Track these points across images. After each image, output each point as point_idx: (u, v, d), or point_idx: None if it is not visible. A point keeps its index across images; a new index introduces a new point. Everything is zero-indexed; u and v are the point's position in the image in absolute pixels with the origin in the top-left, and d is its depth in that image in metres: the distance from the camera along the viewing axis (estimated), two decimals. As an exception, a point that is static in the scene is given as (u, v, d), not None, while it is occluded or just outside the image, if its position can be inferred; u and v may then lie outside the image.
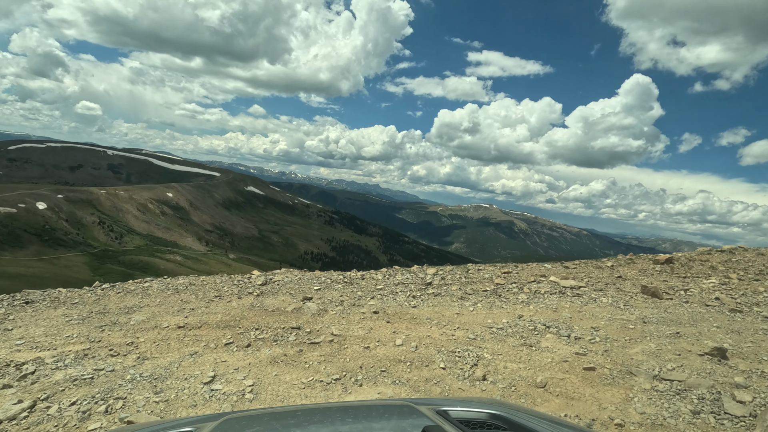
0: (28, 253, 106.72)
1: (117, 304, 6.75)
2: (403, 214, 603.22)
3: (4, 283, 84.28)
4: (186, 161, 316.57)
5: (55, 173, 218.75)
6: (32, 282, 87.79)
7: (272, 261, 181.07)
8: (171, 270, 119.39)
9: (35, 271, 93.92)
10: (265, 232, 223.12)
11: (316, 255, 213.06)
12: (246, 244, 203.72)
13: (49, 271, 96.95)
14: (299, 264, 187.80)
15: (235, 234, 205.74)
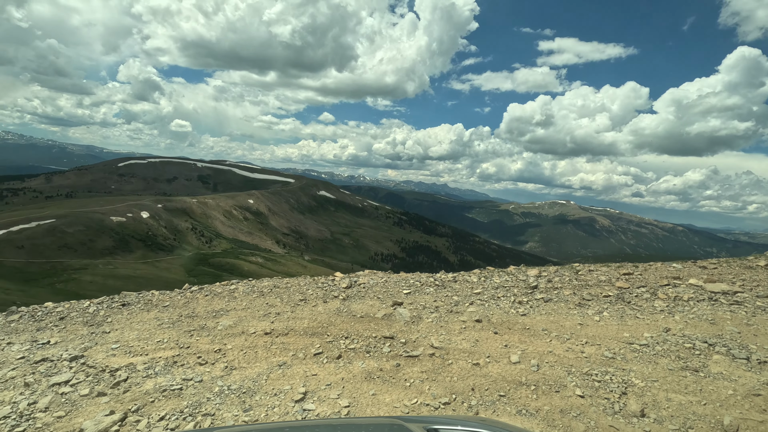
0: (135, 256, 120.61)
1: (205, 307, 6.56)
2: (473, 213, 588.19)
3: (117, 283, 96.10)
4: (264, 169, 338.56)
5: (155, 185, 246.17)
6: (138, 283, 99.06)
7: (344, 262, 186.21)
8: (253, 271, 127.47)
9: (141, 273, 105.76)
10: (337, 235, 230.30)
11: (386, 256, 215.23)
12: (319, 246, 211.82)
13: (152, 273, 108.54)
14: (370, 265, 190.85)
15: (309, 237, 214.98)
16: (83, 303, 6.81)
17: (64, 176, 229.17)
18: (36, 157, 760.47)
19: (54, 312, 6.46)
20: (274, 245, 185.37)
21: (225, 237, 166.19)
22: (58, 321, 6.15)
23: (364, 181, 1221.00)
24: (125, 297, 7.07)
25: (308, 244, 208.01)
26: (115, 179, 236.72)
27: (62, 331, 5.79)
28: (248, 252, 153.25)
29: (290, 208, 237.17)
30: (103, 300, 6.90)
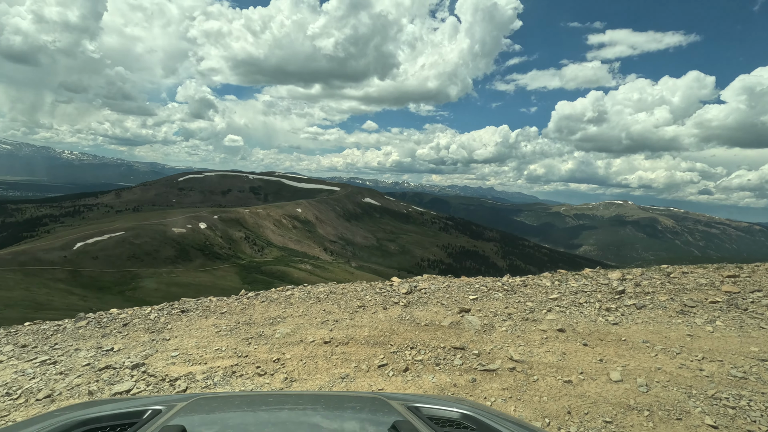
0: (194, 265, 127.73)
1: (262, 314, 6.33)
2: (521, 216, 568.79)
3: (178, 290, 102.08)
4: (311, 179, 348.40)
5: (211, 197, 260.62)
6: (197, 290, 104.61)
7: (391, 268, 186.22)
8: (303, 278, 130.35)
9: (200, 281, 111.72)
10: (383, 241, 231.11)
11: (432, 262, 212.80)
12: (365, 252, 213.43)
13: (210, 280, 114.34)
14: (416, 271, 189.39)
15: (355, 243, 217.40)
16: (145, 310, 6.84)
17: (131, 192, 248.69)
18: (107, 175, 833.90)
19: (118, 318, 6.52)
20: (322, 252, 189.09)
21: (276, 245, 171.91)
22: (121, 327, 6.16)
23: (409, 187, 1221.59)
24: (184, 303, 7.03)
25: (354, 250, 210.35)
26: (176, 193, 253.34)
27: (125, 338, 5.78)
28: (297, 259, 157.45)
29: (336, 216, 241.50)
30: (164, 307, 6.90)
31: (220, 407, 1.52)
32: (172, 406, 1.42)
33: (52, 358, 5.20)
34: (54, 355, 5.32)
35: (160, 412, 1.35)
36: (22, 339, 6.01)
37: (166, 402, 1.51)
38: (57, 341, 5.83)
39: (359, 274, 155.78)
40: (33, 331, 6.29)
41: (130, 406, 1.54)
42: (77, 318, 6.60)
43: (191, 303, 7.04)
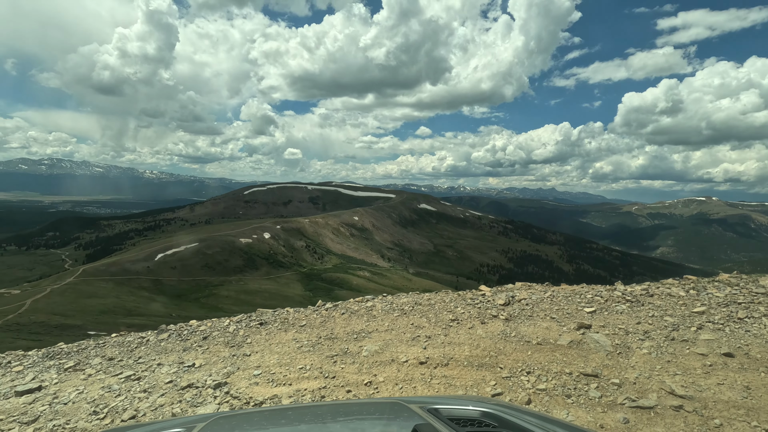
0: (260, 273, 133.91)
1: (343, 327, 5.77)
2: (588, 217, 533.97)
3: (247, 297, 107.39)
4: (366, 187, 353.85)
5: (273, 209, 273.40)
6: (264, 297, 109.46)
7: (449, 274, 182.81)
8: (361, 285, 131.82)
9: (265, 288, 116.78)
10: (440, 247, 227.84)
11: (492, 267, 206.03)
12: (423, 258, 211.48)
13: (275, 287, 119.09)
14: (475, 277, 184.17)
15: (412, 250, 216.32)
16: (223, 322, 6.58)
17: (203, 206, 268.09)
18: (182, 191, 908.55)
19: (198, 331, 6.29)
20: (379, 259, 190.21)
21: (334, 253, 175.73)
22: (201, 341, 5.90)
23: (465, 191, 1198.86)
24: (262, 315, 6.68)
25: (412, 257, 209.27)
26: (242, 205, 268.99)
27: (205, 353, 5.48)
28: (356, 266, 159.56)
29: (393, 222, 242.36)
30: (242, 318, 6.59)
31: (240, 425, 1.51)
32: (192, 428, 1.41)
33: (137, 374, 4.99)
34: (138, 370, 5.12)
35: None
36: (109, 351, 5.95)
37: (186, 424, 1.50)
38: (141, 354, 5.68)
39: (417, 281, 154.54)
40: (119, 343, 6.24)
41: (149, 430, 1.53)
42: (159, 330, 6.49)
43: (269, 315, 6.67)
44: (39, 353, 6.19)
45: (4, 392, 4.93)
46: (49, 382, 5.08)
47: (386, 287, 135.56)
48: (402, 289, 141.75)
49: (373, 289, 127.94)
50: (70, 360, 5.75)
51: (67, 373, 5.31)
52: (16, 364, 5.84)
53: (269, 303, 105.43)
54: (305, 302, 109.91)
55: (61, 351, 6.16)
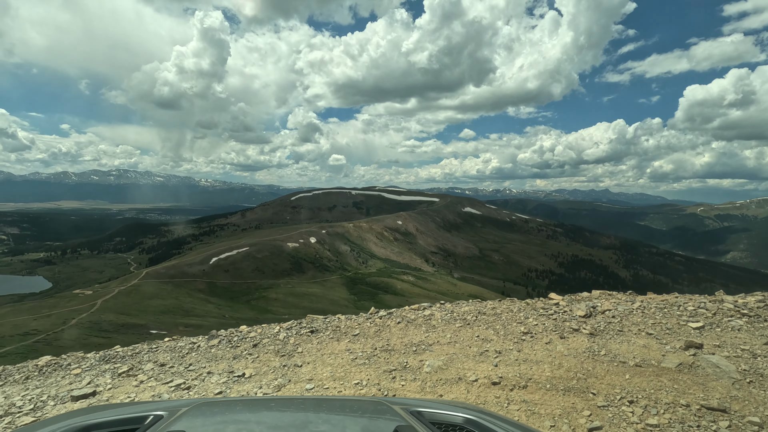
0: (307, 277, 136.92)
1: (400, 338, 5.26)
2: (646, 220, 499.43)
3: (294, 299, 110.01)
4: (409, 191, 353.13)
5: (319, 214, 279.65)
6: (310, 299, 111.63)
7: (495, 279, 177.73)
8: (406, 290, 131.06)
9: (312, 291, 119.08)
10: (486, 251, 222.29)
11: (541, 272, 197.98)
12: (468, 263, 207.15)
13: (321, 291, 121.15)
14: (523, 282, 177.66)
15: (457, 254, 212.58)
16: (273, 328, 6.29)
17: (253, 212, 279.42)
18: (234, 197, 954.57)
19: (248, 338, 6.04)
20: (423, 264, 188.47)
21: (378, 257, 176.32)
22: (251, 348, 5.63)
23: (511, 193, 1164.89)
24: (312, 322, 6.33)
25: (456, 261, 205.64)
26: (289, 211, 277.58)
27: (255, 362, 5.18)
28: (400, 271, 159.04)
29: (437, 226, 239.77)
30: (292, 326, 6.27)
31: (222, 412, 1.52)
32: (175, 412, 1.43)
33: (187, 382, 4.78)
34: (188, 378, 4.91)
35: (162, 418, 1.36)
36: (161, 357, 5.83)
37: (169, 408, 1.50)
38: (192, 361, 5.49)
39: (462, 286, 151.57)
40: (171, 348, 6.13)
41: (132, 411, 1.54)
42: (210, 336, 6.32)
43: (319, 322, 6.31)
44: (96, 356, 6.22)
45: (62, 396, 4.90)
46: (103, 387, 4.99)
47: (431, 292, 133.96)
48: (447, 294, 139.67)
49: (417, 294, 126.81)
50: (124, 364, 5.69)
51: (120, 379, 5.22)
52: (75, 367, 5.87)
53: (316, 306, 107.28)
54: (350, 306, 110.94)
55: (117, 354, 6.14)
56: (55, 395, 4.92)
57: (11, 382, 5.58)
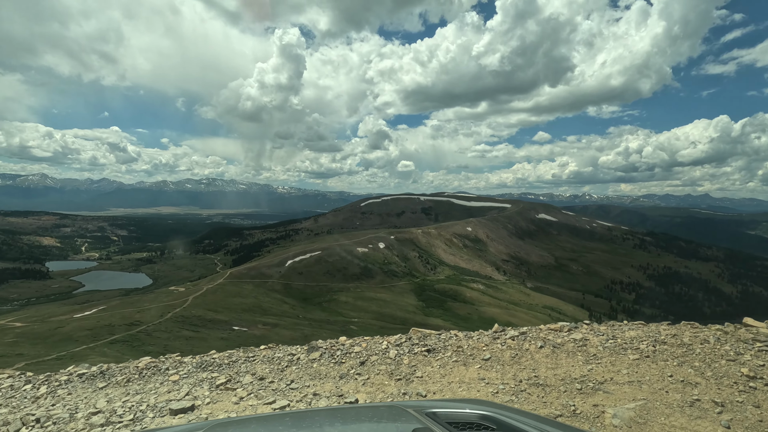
0: (375, 282, 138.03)
1: (551, 369, 4.08)
2: (758, 229, 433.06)
3: (364, 303, 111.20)
4: (479, 197, 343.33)
5: (387, 219, 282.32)
6: (379, 304, 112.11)
7: (573, 291, 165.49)
8: (475, 298, 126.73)
9: (381, 297, 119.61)
10: (562, 260, 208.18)
11: (626, 285, 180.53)
12: (542, 272, 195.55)
13: (390, 297, 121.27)
14: (605, 295, 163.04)
15: (530, 263, 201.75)
16: (380, 343, 5.43)
17: (325, 217, 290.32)
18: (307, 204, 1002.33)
19: (352, 352, 5.24)
20: (494, 272, 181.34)
21: (447, 264, 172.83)
22: (359, 367, 4.80)
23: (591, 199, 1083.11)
24: (426, 339, 5.36)
25: (530, 270, 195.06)
26: (359, 216, 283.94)
27: (367, 384, 4.33)
28: (469, 278, 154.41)
29: (508, 233, 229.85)
30: (401, 341, 5.35)
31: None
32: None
33: (291, 404, 4.06)
34: (292, 399, 4.19)
35: None
36: (260, 368, 5.24)
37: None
38: (293, 377, 4.80)
39: (536, 296, 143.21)
40: (269, 358, 5.54)
41: None
42: (310, 347, 5.64)
43: (434, 339, 5.32)
44: (193, 361, 5.85)
45: (161, 407, 4.45)
46: (202, 401, 4.47)
47: (502, 301, 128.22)
48: (520, 304, 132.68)
49: (487, 303, 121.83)
50: (221, 374, 5.19)
51: (218, 392, 4.67)
52: (172, 372, 5.51)
53: (384, 311, 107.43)
54: (418, 312, 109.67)
55: (213, 362, 5.70)
56: (154, 405, 4.50)
57: (113, 384, 5.36)
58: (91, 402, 4.72)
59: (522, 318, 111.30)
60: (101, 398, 4.86)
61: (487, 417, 1.50)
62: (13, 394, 5.35)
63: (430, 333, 5.50)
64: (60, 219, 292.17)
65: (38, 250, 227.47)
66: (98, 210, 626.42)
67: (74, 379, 5.44)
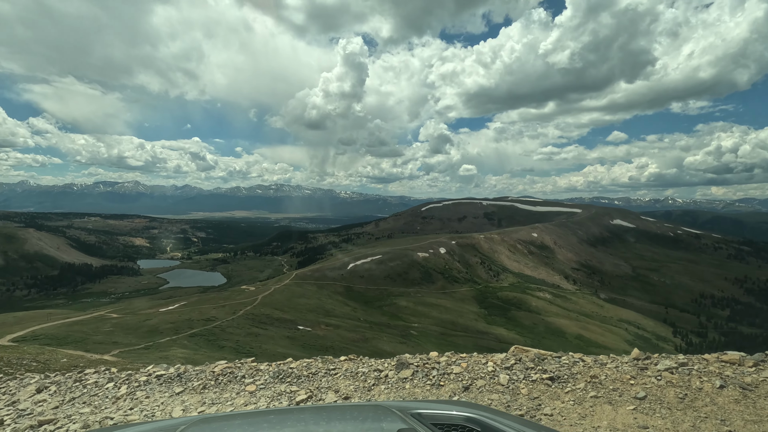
0: (436, 287, 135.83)
1: (753, 422, 2.91)
2: None
3: (424, 309, 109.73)
4: (546, 202, 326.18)
5: (448, 224, 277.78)
6: (440, 310, 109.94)
7: (655, 304, 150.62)
8: (542, 307, 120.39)
9: (441, 303, 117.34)
10: (641, 270, 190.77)
11: (719, 299, 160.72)
12: (618, 283, 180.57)
13: (450, 303, 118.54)
14: (693, 310, 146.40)
15: (604, 272, 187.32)
16: (484, 363, 4.48)
17: (386, 222, 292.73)
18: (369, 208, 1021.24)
19: (451, 374, 4.36)
20: (562, 280, 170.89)
21: (511, 271, 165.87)
22: (462, 393, 3.93)
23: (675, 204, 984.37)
24: (543, 362, 4.34)
25: (603, 280, 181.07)
26: (420, 221, 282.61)
27: (478, 418, 3.47)
28: (535, 287, 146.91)
29: (578, 240, 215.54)
30: (511, 364, 4.37)
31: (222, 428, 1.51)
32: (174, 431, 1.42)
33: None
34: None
35: None
36: (342, 384, 4.57)
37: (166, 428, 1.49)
38: (382, 398, 4.07)
39: (611, 308, 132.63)
40: (351, 373, 4.86)
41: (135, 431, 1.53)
42: (399, 364, 4.87)
43: (552, 363, 4.29)
44: (270, 370, 5.36)
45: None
46: (282, 421, 3.89)
47: (572, 312, 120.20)
48: (592, 316, 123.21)
49: (555, 314, 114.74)
50: (301, 388, 4.60)
51: (300, 411, 4.08)
52: (249, 382, 5.05)
53: (444, 317, 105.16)
54: (480, 320, 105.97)
55: (291, 372, 5.15)
56: (231, 420, 4.01)
57: (189, 390, 5.01)
58: (167, 410, 4.38)
59: (595, 332, 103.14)
60: (177, 406, 4.51)
61: (472, 419, 1.51)
62: (96, 392, 5.31)
63: (545, 355, 4.46)
64: (149, 222, 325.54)
65: (131, 249, 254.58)
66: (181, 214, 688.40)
67: (152, 380, 5.23)
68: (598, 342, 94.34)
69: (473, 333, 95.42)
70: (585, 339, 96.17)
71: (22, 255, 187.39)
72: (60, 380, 5.87)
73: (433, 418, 1.53)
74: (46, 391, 5.45)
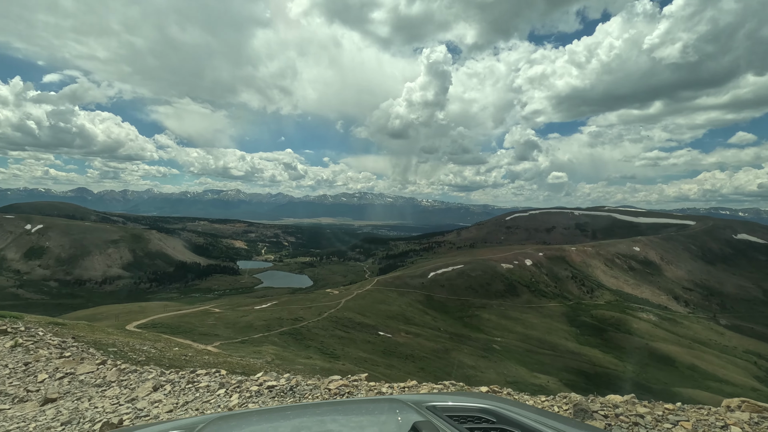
0: (521, 300, 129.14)
1: None
2: None
3: (507, 323, 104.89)
4: (650, 212, 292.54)
5: (535, 235, 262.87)
6: (525, 325, 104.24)
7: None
8: (645, 330, 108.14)
9: (526, 318, 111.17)
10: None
11: None
12: (743, 307, 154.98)
13: (537, 319, 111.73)
14: None
15: (724, 294, 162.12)
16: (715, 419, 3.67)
17: (468, 231, 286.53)
18: (450, 217, 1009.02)
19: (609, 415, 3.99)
20: (671, 301, 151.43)
21: (608, 288, 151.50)
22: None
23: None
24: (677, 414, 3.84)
25: (724, 303, 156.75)
26: (503, 231, 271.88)
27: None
28: (636, 306, 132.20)
29: (692, 256, 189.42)
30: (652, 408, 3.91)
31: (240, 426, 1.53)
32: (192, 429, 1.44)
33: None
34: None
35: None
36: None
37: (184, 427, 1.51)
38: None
39: (733, 336, 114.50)
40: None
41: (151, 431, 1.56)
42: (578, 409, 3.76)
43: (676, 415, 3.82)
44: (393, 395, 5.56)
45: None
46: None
47: (683, 338, 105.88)
48: (709, 344, 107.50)
49: (662, 338, 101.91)
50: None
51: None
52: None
53: (530, 333, 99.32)
54: (571, 340, 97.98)
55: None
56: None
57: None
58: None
59: (713, 362, 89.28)
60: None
61: (487, 410, 1.52)
62: (208, 398, 5.41)
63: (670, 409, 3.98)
64: (248, 226, 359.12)
65: (232, 251, 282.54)
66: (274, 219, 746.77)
67: (264, 391, 5.48)
68: (718, 375, 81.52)
69: (563, 353, 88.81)
70: (700, 371, 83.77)
71: (146, 253, 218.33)
72: (174, 379, 6.21)
73: (448, 410, 1.55)
74: (161, 390, 5.75)
